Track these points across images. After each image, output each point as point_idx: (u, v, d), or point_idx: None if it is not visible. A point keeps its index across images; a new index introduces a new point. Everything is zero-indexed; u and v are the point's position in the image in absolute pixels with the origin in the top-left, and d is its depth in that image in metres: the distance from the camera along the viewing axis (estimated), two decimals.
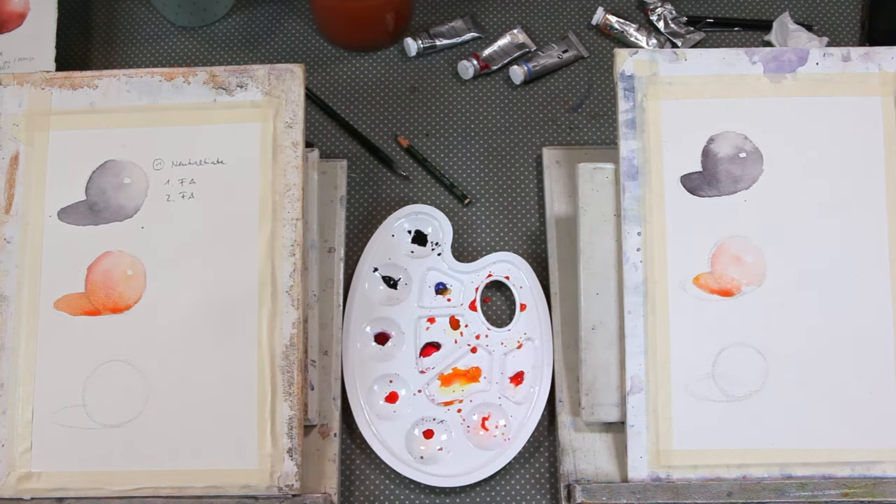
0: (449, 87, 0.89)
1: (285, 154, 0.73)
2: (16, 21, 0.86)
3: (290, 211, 0.72)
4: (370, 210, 0.84)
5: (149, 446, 0.69)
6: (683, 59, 0.73)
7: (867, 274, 0.71)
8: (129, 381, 0.70)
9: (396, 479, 0.75)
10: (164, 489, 0.69)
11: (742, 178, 0.72)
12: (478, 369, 0.77)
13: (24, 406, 0.70)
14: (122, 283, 0.71)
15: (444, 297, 0.79)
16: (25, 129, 0.74)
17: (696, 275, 0.71)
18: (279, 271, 0.71)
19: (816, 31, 0.91)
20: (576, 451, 0.73)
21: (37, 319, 0.71)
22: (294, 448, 0.69)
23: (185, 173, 0.73)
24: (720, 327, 0.71)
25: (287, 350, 0.70)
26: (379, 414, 0.75)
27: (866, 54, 0.73)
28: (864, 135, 0.72)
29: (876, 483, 0.69)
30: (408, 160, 0.86)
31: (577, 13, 0.93)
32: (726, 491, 0.69)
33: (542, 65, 0.88)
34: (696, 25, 0.91)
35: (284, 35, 0.92)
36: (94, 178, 0.73)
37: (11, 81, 0.75)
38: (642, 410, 0.70)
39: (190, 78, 0.74)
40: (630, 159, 0.72)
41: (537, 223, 0.83)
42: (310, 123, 0.87)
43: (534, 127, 0.87)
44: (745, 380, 0.70)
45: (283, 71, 0.74)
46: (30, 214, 0.73)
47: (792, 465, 0.69)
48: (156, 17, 0.93)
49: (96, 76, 0.75)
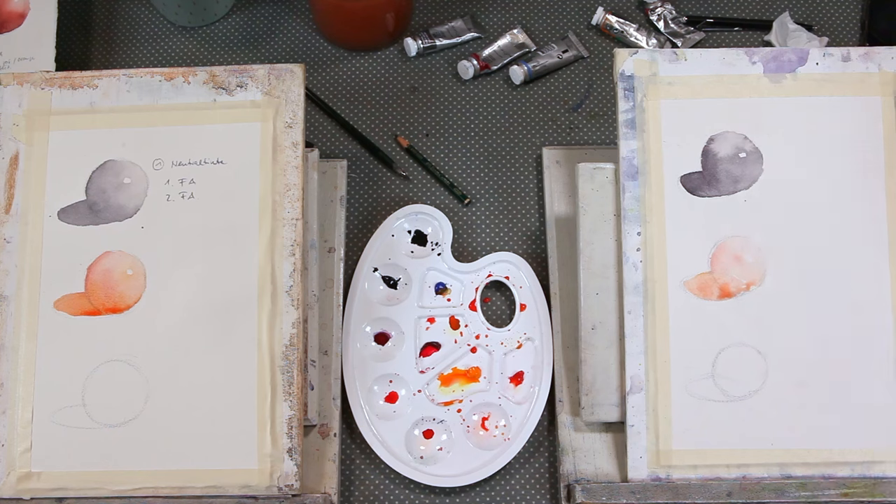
0: (449, 87, 0.89)
1: (285, 154, 0.73)
2: (16, 21, 0.86)
3: (290, 211, 0.72)
4: (370, 210, 0.84)
5: (149, 446, 0.69)
6: (683, 59, 0.73)
7: (867, 274, 0.71)
8: (129, 381, 0.70)
9: (396, 479, 0.75)
10: (164, 489, 0.69)
11: (742, 178, 0.72)
12: (478, 369, 0.77)
13: (24, 406, 0.70)
14: (121, 283, 0.71)
15: (444, 297, 0.79)
16: (25, 129, 0.74)
17: (696, 275, 0.71)
18: (279, 271, 0.71)
19: (816, 31, 0.91)
20: (576, 451, 0.73)
21: (37, 319, 0.71)
22: (294, 448, 0.69)
23: (185, 173, 0.73)
24: (720, 327, 0.71)
25: (287, 350, 0.70)
26: (379, 414, 0.75)
27: (866, 54, 0.73)
28: (864, 135, 0.72)
29: (876, 483, 0.69)
30: (408, 160, 0.86)
31: (577, 13, 0.93)
32: (726, 491, 0.69)
33: (542, 65, 0.88)
34: (696, 25, 0.91)
35: (284, 35, 0.92)
36: (94, 178, 0.73)
37: (11, 81, 0.75)
38: (642, 410, 0.70)
39: (190, 78, 0.74)
40: (630, 159, 0.72)
41: (537, 223, 0.83)
42: (310, 123, 0.87)
43: (534, 127, 0.87)
44: (745, 380, 0.70)
45: (283, 71, 0.74)
46: (30, 214, 0.73)
47: (792, 465, 0.69)
48: (156, 17, 0.93)
49: (96, 76, 0.75)
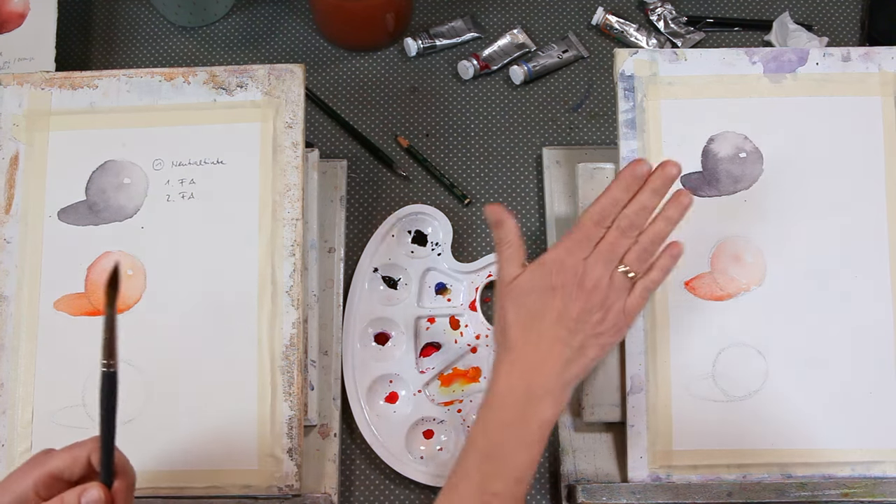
0: (449, 87, 0.89)
1: (285, 154, 0.73)
2: (16, 21, 0.86)
3: (290, 211, 0.72)
4: (370, 210, 0.84)
5: (149, 446, 0.69)
6: (683, 59, 0.73)
7: (867, 274, 0.71)
8: (129, 381, 0.70)
9: (396, 479, 0.75)
10: (164, 489, 0.69)
11: (742, 178, 0.72)
12: (478, 369, 0.77)
13: (24, 406, 0.70)
14: (122, 283, 0.71)
15: (444, 297, 0.79)
16: (25, 129, 0.74)
17: (696, 275, 0.71)
18: (279, 271, 0.71)
19: (816, 31, 0.91)
20: (576, 451, 0.73)
21: (37, 319, 0.71)
22: (294, 448, 0.69)
23: (185, 173, 0.73)
24: (720, 327, 0.71)
25: (287, 350, 0.70)
26: (379, 414, 0.75)
27: (866, 54, 0.73)
28: (864, 135, 0.72)
29: (876, 483, 0.69)
30: (408, 160, 0.86)
31: (577, 13, 0.93)
32: (726, 491, 0.69)
33: (542, 65, 0.88)
34: (696, 25, 0.91)
35: (284, 35, 0.92)
36: (94, 178, 0.73)
37: (11, 81, 0.75)
38: (642, 410, 0.70)
39: (190, 78, 0.74)
40: (630, 159, 0.72)
41: (537, 223, 0.83)
42: (310, 123, 0.87)
43: (534, 127, 0.87)
44: (745, 380, 0.70)
45: (283, 71, 0.74)
46: (30, 214, 0.73)
47: (792, 465, 0.69)
48: (156, 17, 0.93)
49: (96, 76, 0.75)
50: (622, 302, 0.63)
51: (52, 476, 0.54)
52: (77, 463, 0.55)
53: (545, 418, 0.61)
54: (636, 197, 0.63)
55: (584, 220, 0.63)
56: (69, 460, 0.55)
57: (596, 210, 0.63)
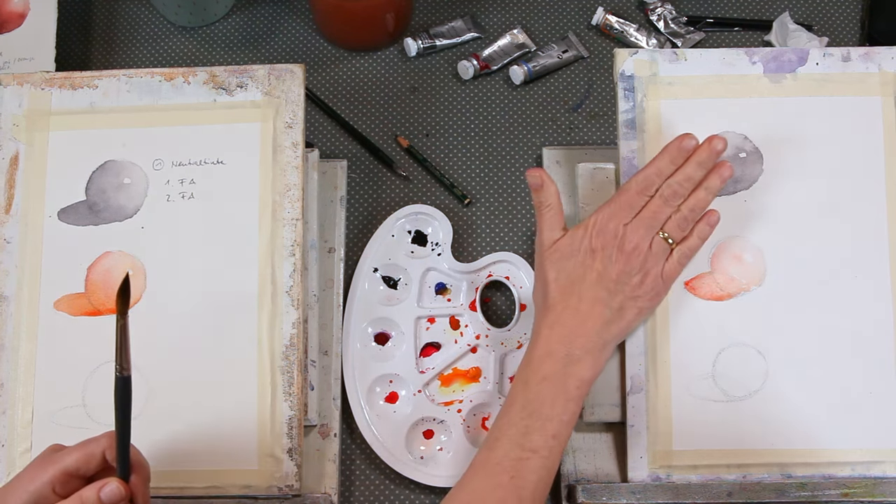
0: (449, 87, 0.89)
1: (285, 154, 0.73)
2: (16, 21, 0.86)
3: (290, 211, 0.72)
4: (370, 210, 0.84)
5: (148, 446, 0.69)
6: (683, 59, 0.73)
7: (867, 274, 0.71)
8: None
9: (396, 479, 0.75)
10: (164, 489, 0.69)
11: (742, 178, 0.72)
12: (478, 369, 0.77)
13: (24, 406, 0.70)
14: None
15: (444, 297, 0.79)
16: (25, 129, 0.74)
17: (696, 274, 0.71)
18: (279, 271, 0.71)
19: (816, 31, 0.91)
20: (576, 451, 0.73)
21: (37, 319, 0.71)
22: (294, 448, 0.69)
23: (185, 173, 0.73)
24: (720, 327, 0.71)
25: (287, 350, 0.70)
26: (379, 414, 0.75)
27: (866, 54, 0.73)
28: (864, 135, 0.72)
29: (876, 483, 0.69)
30: (408, 160, 0.86)
31: (577, 13, 0.92)
32: (726, 491, 0.69)
33: (542, 65, 0.88)
34: (696, 25, 0.91)
35: (284, 35, 0.92)
36: (94, 178, 0.73)
37: (11, 81, 0.75)
38: (642, 410, 0.70)
39: (190, 78, 0.74)
40: (630, 159, 0.72)
41: None
42: (310, 123, 0.87)
43: (534, 127, 0.87)
44: (745, 380, 0.70)
45: (283, 71, 0.74)
46: (30, 214, 0.73)
47: (792, 465, 0.69)
48: (156, 17, 0.93)
49: (96, 76, 0.75)
50: (660, 267, 0.65)
51: (68, 473, 0.55)
52: (92, 459, 0.56)
53: (584, 377, 0.63)
54: (682, 168, 0.66)
55: (628, 187, 0.66)
56: (84, 457, 0.56)
57: (640, 179, 0.66)
